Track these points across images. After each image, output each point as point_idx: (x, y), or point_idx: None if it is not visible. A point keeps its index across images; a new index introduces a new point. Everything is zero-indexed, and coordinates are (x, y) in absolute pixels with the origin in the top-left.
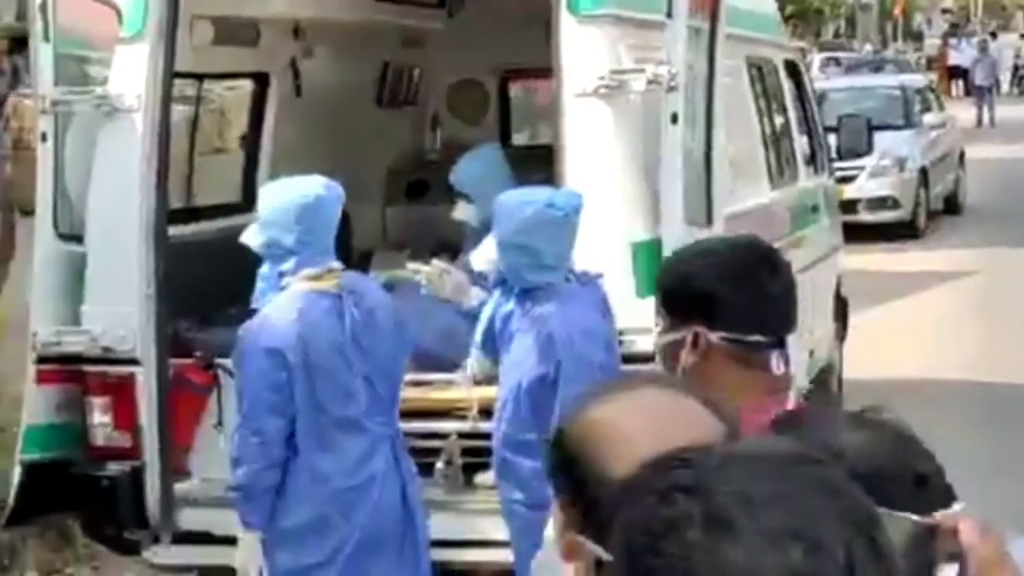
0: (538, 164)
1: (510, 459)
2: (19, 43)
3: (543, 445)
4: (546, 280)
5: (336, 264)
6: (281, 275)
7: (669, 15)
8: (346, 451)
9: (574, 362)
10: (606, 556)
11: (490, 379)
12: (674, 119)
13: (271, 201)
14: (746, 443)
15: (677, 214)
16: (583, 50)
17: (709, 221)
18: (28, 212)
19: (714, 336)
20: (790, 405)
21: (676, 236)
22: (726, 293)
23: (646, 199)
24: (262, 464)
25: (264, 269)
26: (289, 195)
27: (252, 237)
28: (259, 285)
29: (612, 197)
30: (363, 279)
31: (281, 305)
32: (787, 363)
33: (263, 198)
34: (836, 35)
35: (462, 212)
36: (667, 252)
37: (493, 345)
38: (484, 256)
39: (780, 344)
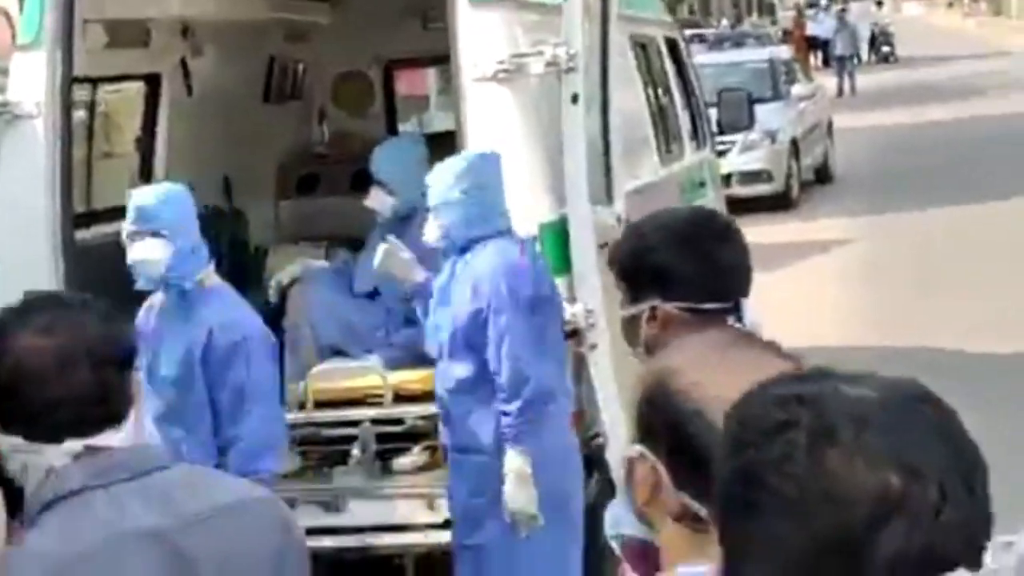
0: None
1: (447, 402)
2: None
3: (481, 383)
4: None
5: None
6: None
7: None
8: None
9: (499, 296)
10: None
11: (402, 365)
12: (574, 99)
13: (171, 211)
14: (870, 376)
15: (582, 193)
16: (480, 35)
17: (610, 199)
18: None
19: (670, 307)
20: None
21: (581, 215)
22: (677, 264)
23: (550, 179)
24: None
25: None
26: (186, 201)
27: (160, 250)
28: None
29: (517, 179)
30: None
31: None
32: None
33: (156, 211)
34: (691, 12)
35: (376, 201)
36: (573, 231)
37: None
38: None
39: (736, 309)
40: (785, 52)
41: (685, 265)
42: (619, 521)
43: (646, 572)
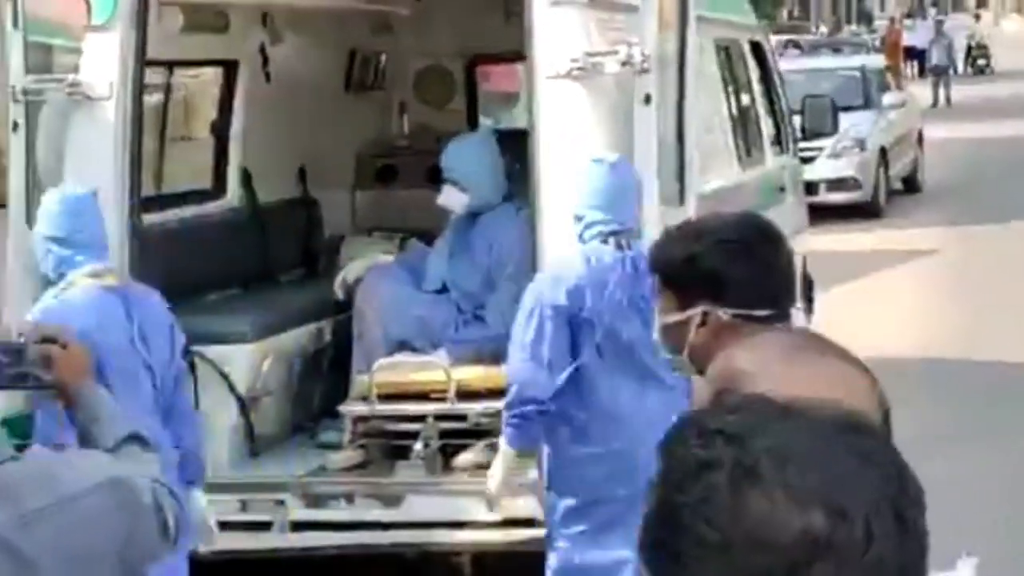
0: (508, 148)
1: None
2: None
3: None
4: None
5: (112, 265)
6: (62, 276)
7: None
8: None
9: None
10: None
11: (468, 362)
12: (647, 100)
13: (44, 211)
14: (800, 403)
15: (652, 194)
16: (556, 32)
17: (682, 201)
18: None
19: (723, 313)
20: None
21: (651, 216)
22: (732, 270)
23: None
24: None
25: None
26: (59, 201)
27: (37, 246)
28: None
29: None
30: (133, 283)
31: (71, 300)
32: None
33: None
34: (791, 17)
35: (448, 198)
36: (645, 232)
37: None
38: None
39: (786, 317)
40: (878, 61)
41: (739, 270)
42: None
43: None
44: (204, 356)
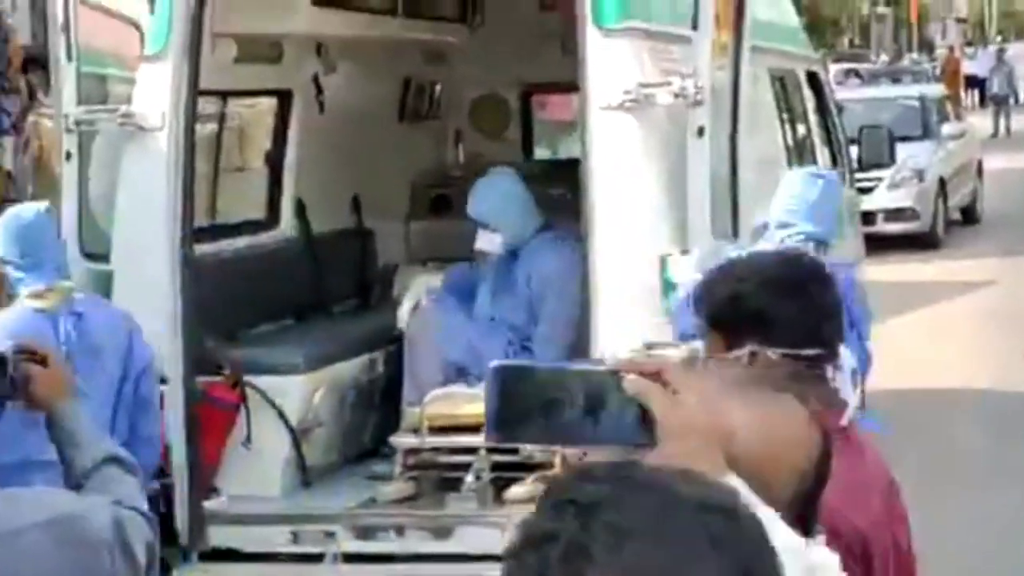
0: (560, 178)
1: None
2: (32, 62)
3: None
4: None
5: (65, 284)
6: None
7: (695, 28)
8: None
9: None
10: None
11: None
12: (700, 132)
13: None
14: (658, 476)
15: (705, 227)
16: (609, 63)
17: (735, 234)
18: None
19: (771, 353)
20: (846, 418)
21: (705, 249)
22: (780, 309)
23: (675, 212)
24: None
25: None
26: (11, 223)
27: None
28: None
29: (640, 210)
30: (97, 301)
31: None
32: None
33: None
34: (851, 45)
35: (484, 242)
36: (697, 265)
37: None
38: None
39: (835, 355)
40: (937, 90)
41: (787, 309)
42: None
43: None
44: (256, 387)
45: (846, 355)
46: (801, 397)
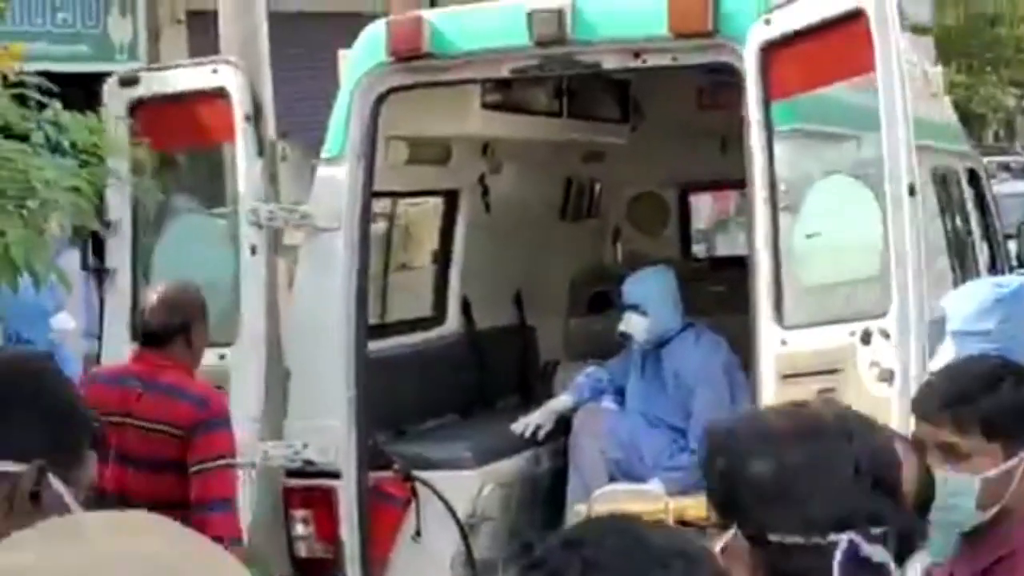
0: (718, 275)
1: None
2: None
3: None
4: None
5: None
6: None
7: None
8: None
9: None
10: None
11: (683, 490)
12: (912, 191)
13: None
14: (637, 525)
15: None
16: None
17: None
18: None
19: None
20: None
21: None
22: None
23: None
24: None
25: None
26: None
27: None
28: None
29: None
30: None
31: None
32: None
33: None
34: (996, 139)
35: (630, 324)
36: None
37: None
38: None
39: None
40: None
41: None
42: None
43: None
44: (426, 482)
45: None
46: None
